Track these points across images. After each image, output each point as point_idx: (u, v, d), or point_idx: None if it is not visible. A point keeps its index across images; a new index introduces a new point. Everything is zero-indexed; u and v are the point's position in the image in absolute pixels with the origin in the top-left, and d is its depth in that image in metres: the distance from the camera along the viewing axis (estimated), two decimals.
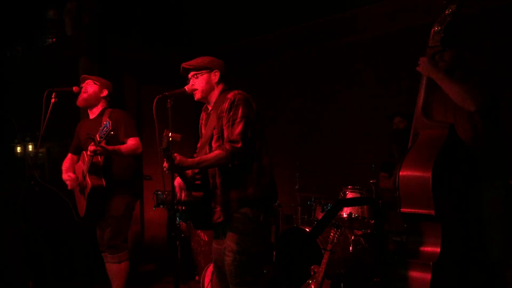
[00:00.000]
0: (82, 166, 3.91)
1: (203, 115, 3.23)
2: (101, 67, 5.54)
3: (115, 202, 3.91)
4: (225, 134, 2.89)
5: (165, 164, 2.71)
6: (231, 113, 2.87)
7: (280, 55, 6.45)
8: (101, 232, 4.02)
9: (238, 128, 2.83)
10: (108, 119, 3.58)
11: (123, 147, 3.82)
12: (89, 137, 3.76)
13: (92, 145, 3.55)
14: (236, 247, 2.86)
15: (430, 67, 2.84)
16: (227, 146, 2.80)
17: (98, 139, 3.49)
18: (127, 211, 3.99)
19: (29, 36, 6.55)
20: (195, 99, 3.08)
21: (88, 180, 3.77)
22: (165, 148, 2.64)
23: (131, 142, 3.86)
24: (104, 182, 3.81)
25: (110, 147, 3.70)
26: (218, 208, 2.91)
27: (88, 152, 3.63)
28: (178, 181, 3.02)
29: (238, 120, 2.85)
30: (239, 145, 2.80)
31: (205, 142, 3.01)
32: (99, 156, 3.79)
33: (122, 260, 4.00)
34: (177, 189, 3.01)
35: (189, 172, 2.94)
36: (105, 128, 3.44)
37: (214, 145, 2.95)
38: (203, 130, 3.19)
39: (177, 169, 2.77)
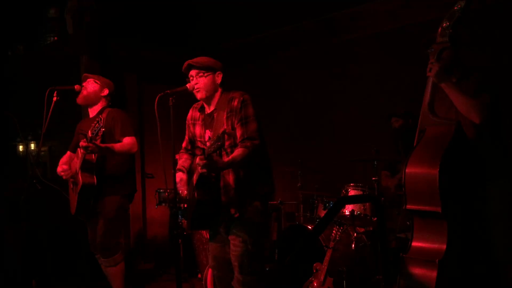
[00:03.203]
0: (77, 163, 3.89)
1: (194, 115, 3.24)
2: (103, 66, 5.54)
3: (107, 203, 3.86)
4: (239, 132, 2.95)
5: (201, 162, 2.69)
6: (242, 112, 2.95)
7: (280, 53, 6.44)
8: (92, 233, 3.98)
9: (253, 126, 2.94)
10: (101, 116, 3.58)
11: (116, 145, 3.79)
12: (81, 133, 3.75)
13: (84, 141, 3.54)
14: (249, 238, 2.96)
15: (443, 76, 2.82)
16: (248, 143, 2.89)
17: (90, 135, 3.50)
18: (119, 213, 3.93)
19: (30, 34, 6.56)
20: (198, 97, 3.10)
21: (80, 177, 3.75)
22: (221, 145, 2.62)
23: (126, 141, 3.83)
24: (95, 180, 3.78)
25: (102, 144, 3.67)
26: (233, 204, 2.96)
27: (80, 148, 3.63)
28: (180, 176, 3.06)
29: (251, 118, 2.95)
30: (258, 141, 2.92)
31: None
32: (92, 154, 3.77)
33: (118, 262, 3.96)
34: (180, 186, 3.04)
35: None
36: (97, 124, 3.46)
37: (225, 144, 2.97)
38: (193, 129, 3.23)
39: (213, 169, 2.79)
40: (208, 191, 2.93)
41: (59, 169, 3.97)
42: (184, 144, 3.34)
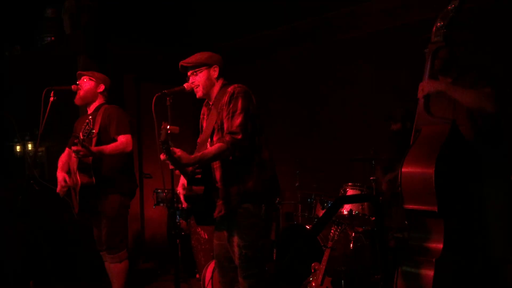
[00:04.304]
0: (74, 162, 3.88)
1: (204, 110, 3.23)
2: (100, 66, 5.51)
3: (108, 202, 3.88)
4: (225, 126, 2.89)
5: (162, 157, 2.68)
6: (230, 106, 2.88)
7: (279, 52, 6.44)
8: (98, 232, 4.01)
9: (238, 120, 2.83)
10: (90, 118, 3.59)
11: (109, 146, 3.78)
12: (73, 136, 3.75)
13: (76, 144, 3.56)
14: (242, 242, 2.90)
15: (436, 84, 2.83)
16: (227, 137, 2.80)
17: (81, 138, 3.49)
18: (121, 211, 3.95)
19: (27, 35, 6.54)
20: (197, 96, 3.08)
21: (78, 177, 3.75)
22: (163, 141, 2.62)
23: (121, 140, 3.83)
24: (94, 179, 3.78)
25: (93, 148, 3.67)
26: (220, 202, 2.91)
27: (73, 152, 3.64)
28: (180, 184, 3.02)
29: (238, 112, 2.85)
30: (240, 136, 2.80)
31: (207, 136, 3.01)
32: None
33: (123, 259, 3.99)
34: (179, 191, 3.01)
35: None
36: (87, 126, 3.46)
37: (214, 138, 2.97)
38: (204, 125, 3.19)
39: (178, 165, 2.75)
40: (192, 188, 2.88)
41: (60, 176, 3.96)
42: (198, 140, 3.27)
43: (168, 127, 2.62)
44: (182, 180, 3.02)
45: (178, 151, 2.69)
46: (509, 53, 4.54)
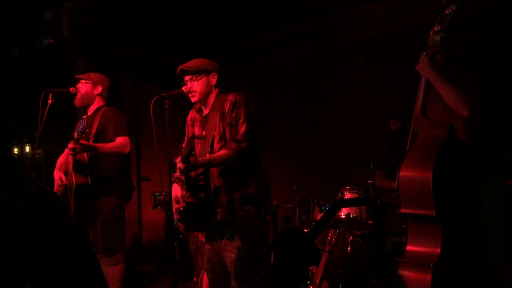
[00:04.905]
0: (71, 163, 3.89)
1: (194, 116, 3.24)
2: (99, 67, 5.51)
3: (103, 204, 3.87)
4: (228, 134, 2.95)
5: (181, 166, 2.73)
6: (233, 114, 2.95)
7: (278, 54, 6.44)
8: (94, 234, 3.99)
9: (243, 129, 2.92)
10: (84, 117, 3.59)
11: (105, 145, 3.79)
12: (69, 135, 3.77)
13: (72, 143, 3.56)
14: (241, 244, 2.94)
15: (428, 68, 2.84)
16: (234, 145, 2.88)
17: (76, 137, 3.49)
18: (116, 213, 3.94)
19: (26, 36, 6.54)
20: (193, 101, 3.11)
21: (74, 177, 3.75)
22: (191, 148, 2.69)
23: (119, 141, 3.83)
24: (89, 180, 3.78)
25: (88, 144, 3.68)
26: (222, 208, 2.94)
27: (68, 150, 3.65)
28: (175, 192, 3.03)
29: (241, 120, 2.94)
30: (245, 144, 2.90)
31: (207, 143, 3.03)
32: (85, 154, 3.77)
33: (119, 261, 3.98)
34: (173, 203, 3.02)
35: (192, 173, 2.96)
36: (81, 125, 3.49)
37: (216, 146, 3.00)
38: (192, 130, 3.22)
39: (191, 170, 2.82)
40: (195, 194, 2.92)
41: (57, 175, 3.95)
42: (183, 145, 3.31)
43: (196, 135, 2.79)
44: (175, 193, 3.02)
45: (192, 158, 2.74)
46: (509, 53, 4.55)
